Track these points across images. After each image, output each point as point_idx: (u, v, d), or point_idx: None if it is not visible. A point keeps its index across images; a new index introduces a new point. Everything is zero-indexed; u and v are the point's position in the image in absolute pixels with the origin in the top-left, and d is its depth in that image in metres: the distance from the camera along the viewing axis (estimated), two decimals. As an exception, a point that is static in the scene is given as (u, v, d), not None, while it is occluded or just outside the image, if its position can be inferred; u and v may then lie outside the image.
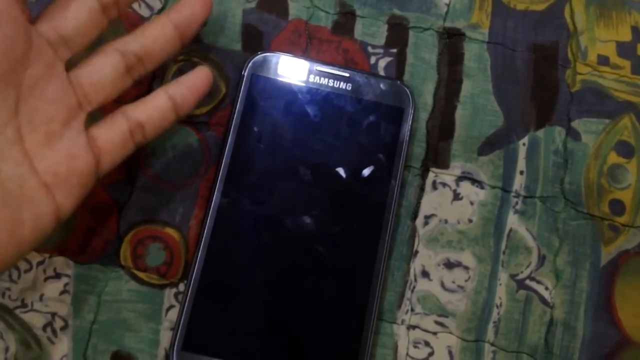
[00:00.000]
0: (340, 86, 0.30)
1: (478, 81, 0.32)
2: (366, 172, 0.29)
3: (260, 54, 0.30)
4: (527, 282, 0.30)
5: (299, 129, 0.30)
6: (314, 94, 0.30)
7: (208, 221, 0.28)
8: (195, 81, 0.27)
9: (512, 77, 0.32)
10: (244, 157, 0.29)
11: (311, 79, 0.30)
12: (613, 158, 0.32)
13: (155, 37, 0.26)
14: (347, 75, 0.30)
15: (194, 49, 0.31)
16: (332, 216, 0.29)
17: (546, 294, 0.30)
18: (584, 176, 0.31)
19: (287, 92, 0.30)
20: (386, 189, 0.29)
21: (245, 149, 0.29)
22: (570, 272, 0.30)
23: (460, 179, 0.31)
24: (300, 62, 0.30)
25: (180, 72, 0.31)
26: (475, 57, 0.32)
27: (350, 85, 0.30)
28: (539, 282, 0.30)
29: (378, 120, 0.30)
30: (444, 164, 0.31)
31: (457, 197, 0.31)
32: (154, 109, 0.26)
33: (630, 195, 0.31)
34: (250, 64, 0.30)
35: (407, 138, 0.30)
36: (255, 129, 0.29)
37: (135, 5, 0.31)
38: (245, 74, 0.30)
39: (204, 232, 0.28)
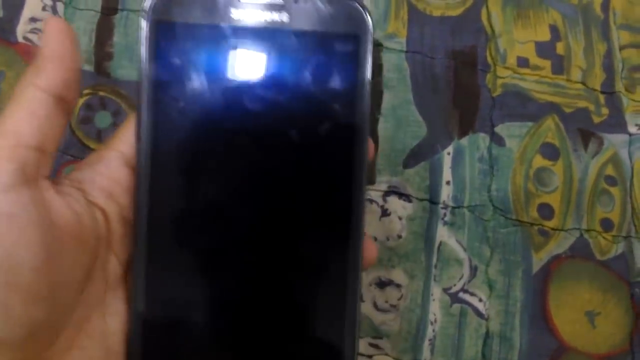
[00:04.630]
0: (274, 19, 0.21)
1: (398, 92, 0.31)
2: (324, 129, 0.21)
3: None
4: (461, 294, 0.29)
5: (230, 88, 0.21)
6: (241, 35, 0.21)
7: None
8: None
9: (432, 85, 0.31)
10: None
11: (234, 14, 0.20)
12: (538, 161, 0.31)
13: None
14: (281, 2, 0.21)
15: (100, 82, 0.30)
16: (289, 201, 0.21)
17: (480, 306, 0.29)
18: (511, 182, 0.31)
19: (206, 39, 0.21)
20: (353, 147, 0.21)
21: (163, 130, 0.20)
22: (503, 282, 0.30)
23: (387, 193, 0.30)
24: None
25: (88, 107, 0.29)
26: (394, 67, 0.31)
27: (286, 15, 0.21)
28: (472, 294, 0.29)
29: (328, 56, 0.21)
30: (370, 180, 0.30)
31: (385, 213, 0.30)
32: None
33: (558, 198, 0.31)
34: (151, 6, 0.20)
35: (369, 76, 0.21)
36: (174, 98, 0.20)
37: (35, 38, 0.30)
38: (146, 23, 0.20)
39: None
